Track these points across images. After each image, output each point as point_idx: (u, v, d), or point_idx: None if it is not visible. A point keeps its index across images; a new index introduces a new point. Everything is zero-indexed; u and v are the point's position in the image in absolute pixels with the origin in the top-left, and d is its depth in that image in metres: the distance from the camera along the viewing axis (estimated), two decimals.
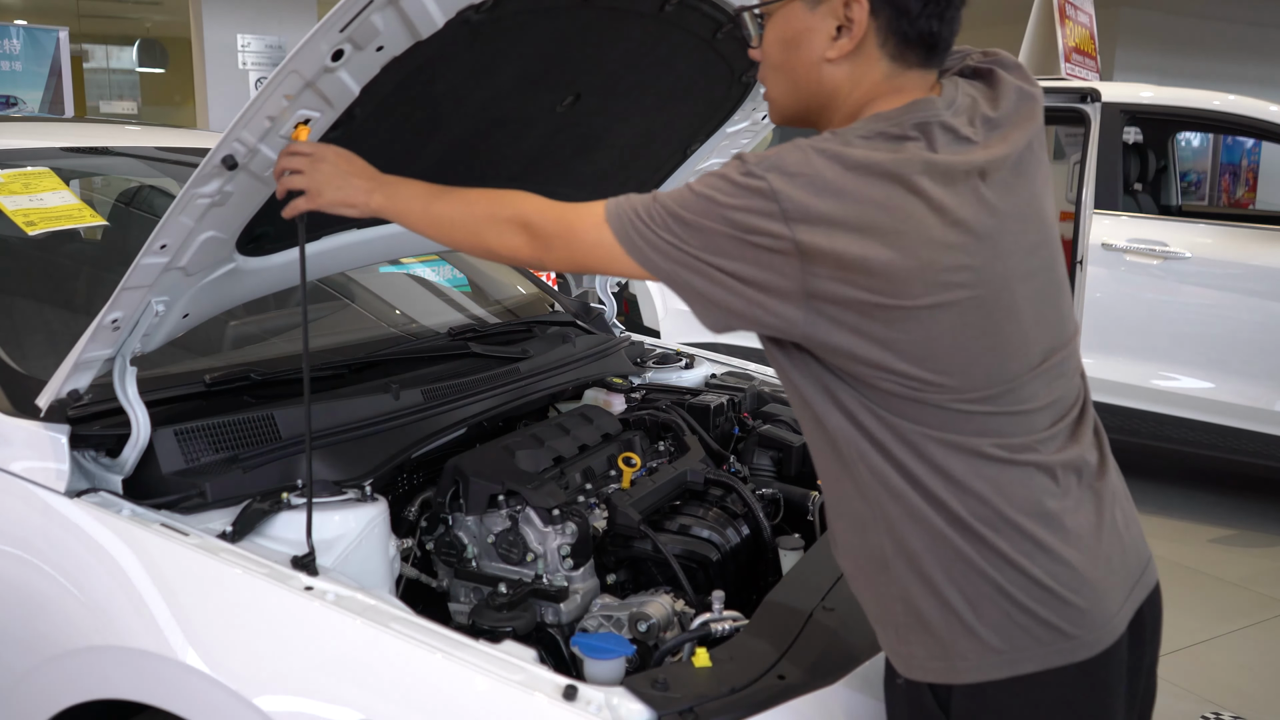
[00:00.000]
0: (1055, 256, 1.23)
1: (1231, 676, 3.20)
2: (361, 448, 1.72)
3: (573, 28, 1.62)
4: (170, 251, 1.43)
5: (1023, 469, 1.14)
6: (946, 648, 1.14)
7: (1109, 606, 1.16)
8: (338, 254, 1.83)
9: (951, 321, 1.10)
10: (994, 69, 1.25)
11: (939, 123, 1.14)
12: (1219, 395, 4.33)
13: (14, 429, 1.56)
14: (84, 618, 1.43)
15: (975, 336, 1.12)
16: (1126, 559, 1.21)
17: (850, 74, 1.20)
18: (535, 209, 1.26)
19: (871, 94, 1.20)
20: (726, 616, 1.42)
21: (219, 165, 1.34)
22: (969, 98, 1.20)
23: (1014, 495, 1.14)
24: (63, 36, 6.44)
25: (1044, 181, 1.23)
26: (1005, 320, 1.14)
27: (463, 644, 1.27)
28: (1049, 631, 1.13)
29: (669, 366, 2.53)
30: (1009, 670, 1.13)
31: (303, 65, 1.27)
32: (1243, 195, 11.47)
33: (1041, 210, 1.21)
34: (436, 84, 1.53)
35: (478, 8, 1.36)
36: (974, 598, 1.13)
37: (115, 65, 15.83)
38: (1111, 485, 1.25)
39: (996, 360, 1.14)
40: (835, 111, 1.22)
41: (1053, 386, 1.20)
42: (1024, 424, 1.16)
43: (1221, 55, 12.49)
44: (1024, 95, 1.22)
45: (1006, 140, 1.18)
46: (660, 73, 1.87)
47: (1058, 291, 1.23)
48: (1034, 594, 1.13)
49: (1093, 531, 1.18)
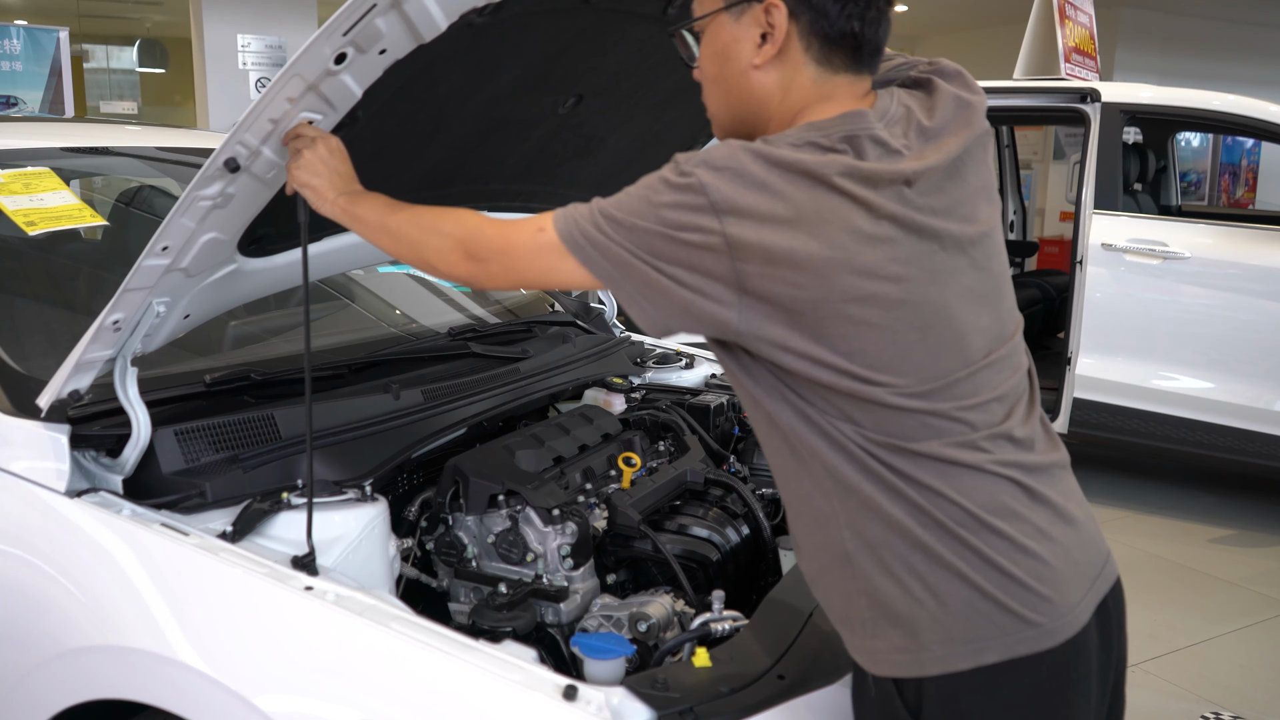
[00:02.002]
0: (991, 255, 1.24)
1: (1231, 676, 3.20)
2: (361, 448, 1.72)
3: (575, 30, 1.62)
4: (172, 253, 1.43)
5: (970, 467, 1.15)
6: (912, 638, 1.15)
7: (1071, 596, 1.17)
8: (338, 255, 1.83)
9: (879, 317, 1.12)
10: (932, 78, 1.27)
11: (869, 135, 1.16)
12: (1219, 395, 4.33)
13: (14, 429, 1.56)
14: (84, 618, 1.43)
15: (904, 331, 1.14)
16: (1086, 551, 1.22)
17: (779, 80, 1.23)
18: (474, 226, 1.29)
19: (802, 101, 1.23)
20: (726, 616, 1.42)
21: (221, 168, 1.34)
22: (904, 108, 1.22)
23: (967, 491, 1.15)
24: (63, 36, 6.45)
25: (981, 185, 1.25)
26: (936, 317, 1.16)
27: (463, 644, 1.27)
28: (1012, 619, 1.13)
29: (669, 366, 2.53)
30: (974, 660, 1.13)
31: (306, 68, 1.27)
32: (1242, 195, 11.47)
33: (974, 212, 1.23)
34: (439, 85, 1.53)
35: (480, 10, 1.36)
36: (936, 586, 1.14)
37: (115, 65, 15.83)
38: (1063, 479, 1.25)
39: (929, 356, 1.15)
40: (769, 120, 1.25)
41: (995, 383, 1.21)
42: (966, 421, 1.17)
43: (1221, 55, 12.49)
44: (961, 103, 1.25)
45: (941, 148, 1.20)
46: (662, 74, 1.87)
47: (995, 288, 1.24)
48: (997, 581, 1.13)
49: (1050, 522, 1.19)
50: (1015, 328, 1.28)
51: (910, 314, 1.14)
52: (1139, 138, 5.80)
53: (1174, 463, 4.77)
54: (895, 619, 1.16)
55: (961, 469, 1.15)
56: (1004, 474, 1.17)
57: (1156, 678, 3.16)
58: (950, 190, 1.20)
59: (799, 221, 1.10)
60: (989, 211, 1.26)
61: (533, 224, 1.22)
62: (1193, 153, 10.90)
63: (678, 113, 2.09)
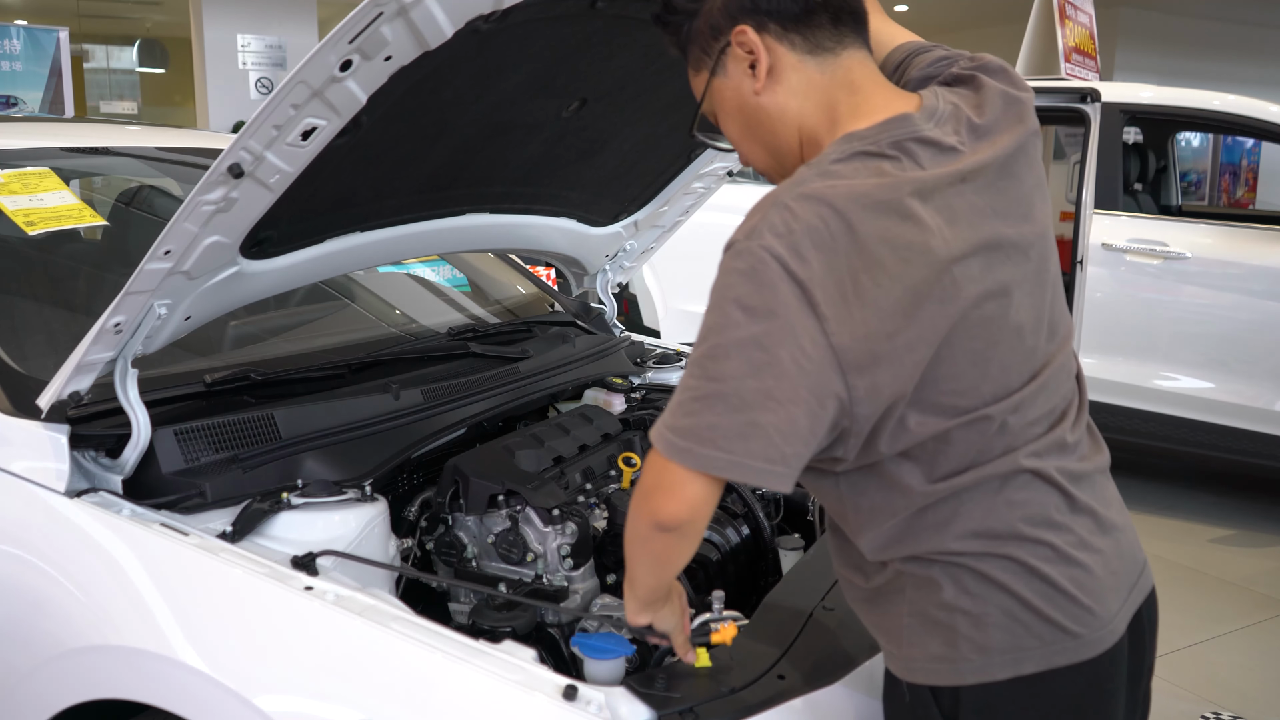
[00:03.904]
0: (1047, 256, 1.21)
1: (1231, 676, 3.20)
2: (361, 448, 1.72)
3: (580, 35, 1.62)
4: (174, 257, 1.43)
5: (1022, 477, 1.14)
6: (951, 648, 1.14)
7: (1110, 607, 1.16)
8: (339, 257, 1.83)
9: (963, 337, 1.10)
10: (977, 75, 1.24)
11: (917, 138, 1.13)
12: (1219, 395, 4.33)
13: (14, 429, 1.56)
14: (84, 618, 1.43)
15: (983, 350, 1.11)
16: (1124, 561, 1.21)
17: (790, 91, 1.18)
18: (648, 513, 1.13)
19: (829, 98, 1.17)
20: (726, 616, 1.42)
21: (225, 173, 1.34)
22: (951, 105, 1.19)
23: (1016, 504, 1.13)
24: (63, 36, 6.45)
25: (1035, 184, 1.21)
26: (1008, 329, 1.14)
27: (462, 644, 1.27)
28: (1053, 630, 1.12)
29: (669, 366, 2.53)
30: (1013, 670, 1.12)
31: (311, 75, 1.27)
32: (1243, 195, 11.47)
33: (1030, 210, 1.19)
34: (443, 91, 1.53)
35: (487, 17, 1.36)
36: (978, 596, 1.13)
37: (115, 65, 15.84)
38: (1104, 484, 1.25)
39: (1001, 371, 1.13)
40: (810, 135, 1.20)
41: (1053, 389, 1.19)
42: (1026, 433, 1.15)
43: (1221, 55, 12.49)
44: (1010, 100, 1.21)
45: (994, 145, 1.17)
46: (667, 78, 1.87)
47: (1051, 294, 1.21)
48: (1040, 591, 1.12)
49: (1091, 531, 1.18)
50: (1069, 330, 1.25)
51: (987, 331, 1.12)
52: (1139, 138, 5.79)
53: (1174, 463, 4.76)
54: (934, 629, 1.15)
55: (1013, 482, 1.13)
56: (1053, 481, 1.16)
57: (1157, 678, 3.15)
58: (1006, 189, 1.17)
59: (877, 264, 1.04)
60: (1044, 210, 1.22)
61: (657, 465, 1.09)
62: (1193, 153, 10.90)
63: (682, 116, 2.09)
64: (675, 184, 2.37)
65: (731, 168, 2.37)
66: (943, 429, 1.11)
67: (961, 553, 1.13)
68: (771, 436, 1.03)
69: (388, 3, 1.22)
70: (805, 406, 1.04)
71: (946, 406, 1.11)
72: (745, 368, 1.03)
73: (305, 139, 1.36)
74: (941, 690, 1.15)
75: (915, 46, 1.36)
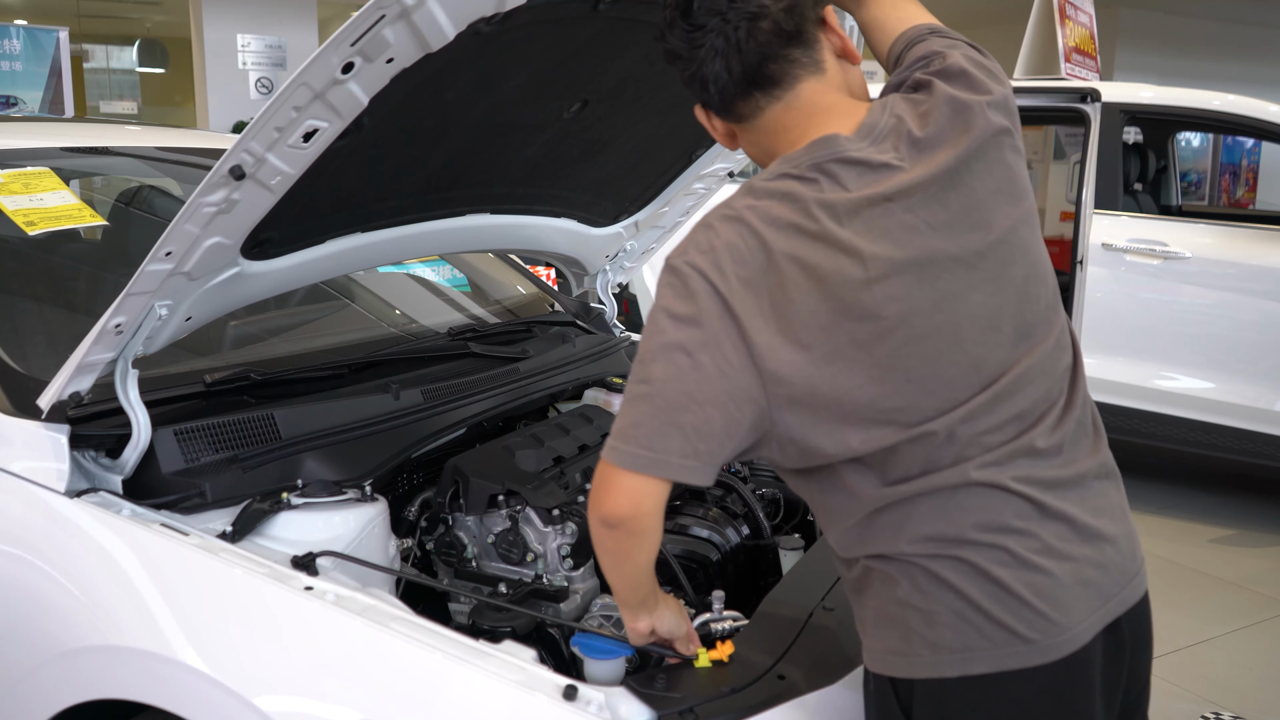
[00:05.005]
0: (1010, 260, 1.18)
1: (1231, 676, 3.20)
2: (361, 448, 1.72)
3: (582, 37, 1.62)
4: (175, 258, 1.43)
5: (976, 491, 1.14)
6: (904, 642, 1.16)
7: (1074, 615, 1.14)
8: (340, 258, 1.83)
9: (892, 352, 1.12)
10: (933, 81, 1.22)
11: (839, 159, 1.16)
12: (1219, 395, 4.33)
13: (14, 429, 1.56)
14: (84, 618, 1.43)
15: (921, 363, 1.12)
16: (1105, 571, 1.18)
17: (749, 147, 1.31)
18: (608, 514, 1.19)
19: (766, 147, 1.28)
20: (726, 616, 1.42)
21: (226, 175, 1.34)
22: (895, 119, 1.19)
23: (970, 511, 1.14)
24: (63, 36, 6.45)
25: (995, 188, 1.18)
26: (953, 341, 1.14)
27: (462, 644, 1.27)
28: (1004, 633, 1.12)
29: None
30: (961, 669, 1.13)
31: (313, 78, 1.27)
32: (1243, 195, 11.47)
33: (986, 218, 1.17)
34: (445, 92, 1.53)
35: (489, 20, 1.36)
36: (931, 597, 1.14)
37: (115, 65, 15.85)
38: (1097, 490, 1.21)
39: (944, 386, 1.14)
40: None
41: (1018, 396, 1.17)
42: (980, 443, 1.15)
43: (1221, 55, 12.49)
44: (958, 107, 1.19)
45: (935, 160, 1.16)
46: (667, 79, 1.87)
47: (1018, 294, 1.18)
48: (991, 593, 1.13)
49: (1063, 538, 1.16)
50: (1049, 330, 1.21)
51: (922, 346, 1.12)
52: (1139, 138, 5.79)
53: (1174, 463, 4.76)
54: (890, 622, 1.17)
55: (964, 492, 1.14)
56: (1015, 490, 1.14)
57: (1156, 678, 3.14)
58: (949, 201, 1.15)
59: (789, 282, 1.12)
60: (1007, 212, 1.19)
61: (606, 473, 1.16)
62: (1193, 153, 10.89)
63: (683, 117, 2.09)
64: (676, 185, 2.37)
65: (732, 169, 2.37)
66: (889, 443, 1.14)
67: (914, 554, 1.15)
68: (689, 435, 1.11)
69: (390, 5, 1.22)
70: (723, 409, 1.11)
71: (887, 422, 1.13)
72: (670, 370, 1.12)
73: (307, 141, 1.36)
74: (898, 682, 1.18)
75: (914, 34, 1.33)
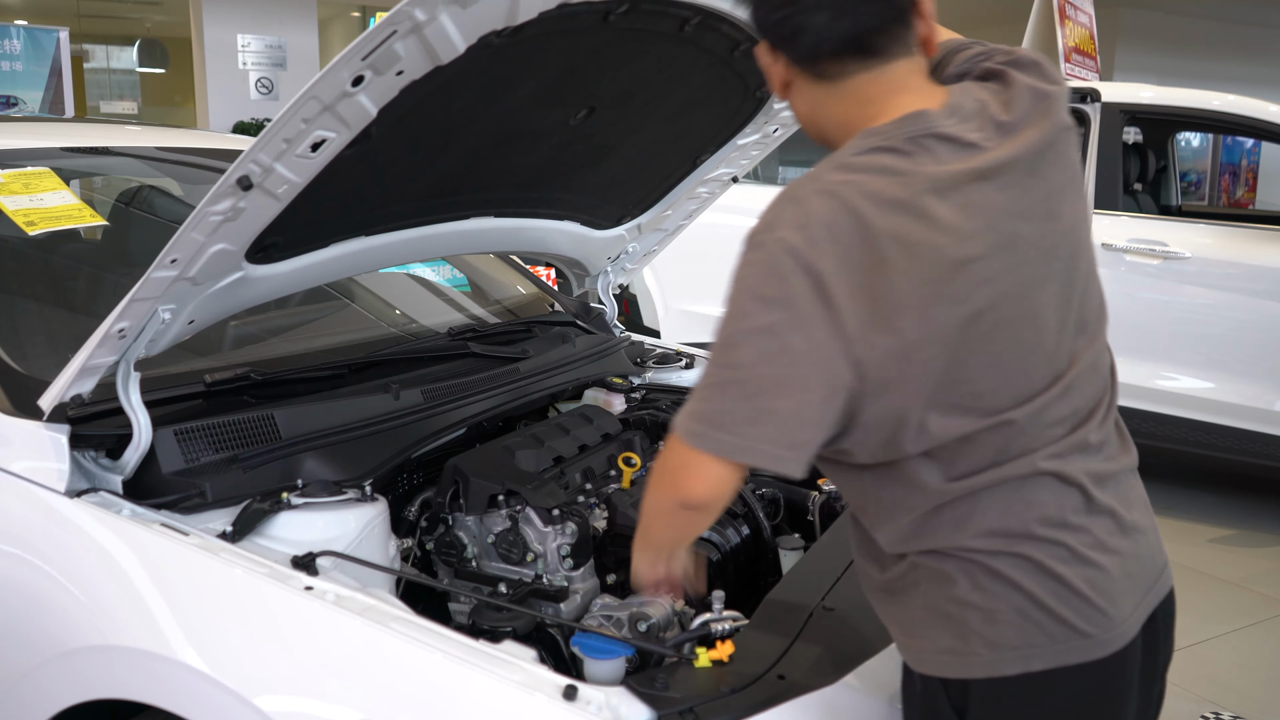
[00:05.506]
0: (1077, 254, 1.20)
1: (1231, 676, 3.20)
2: (361, 448, 1.72)
3: (592, 47, 1.63)
4: (180, 265, 1.44)
5: (1041, 479, 1.14)
6: (961, 641, 1.14)
7: (1124, 608, 1.16)
8: (344, 261, 1.83)
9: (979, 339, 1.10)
10: (1008, 70, 1.22)
11: (933, 134, 1.13)
12: (1219, 395, 4.33)
13: (14, 429, 1.56)
14: (84, 618, 1.43)
15: (1002, 351, 1.11)
16: (1142, 563, 1.21)
17: (803, 102, 1.24)
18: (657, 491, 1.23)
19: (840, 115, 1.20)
20: (726, 616, 1.42)
21: (234, 185, 1.34)
22: (978, 103, 1.18)
23: (1034, 505, 1.14)
24: (63, 36, 6.45)
25: (1067, 181, 1.20)
26: (1031, 329, 1.14)
27: (463, 644, 1.27)
28: (1064, 629, 1.13)
29: (669, 366, 2.53)
30: (1022, 666, 1.13)
31: (323, 91, 1.28)
32: (1242, 195, 11.48)
33: (1058, 208, 1.18)
34: (453, 101, 1.53)
35: (499, 32, 1.36)
36: (994, 595, 1.14)
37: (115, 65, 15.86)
38: (1129, 484, 1.24)
39: (1023, 375, 1.13)
40: (828, 135, 1.24)
41: (1080, 389, 1.18)
42: (1048, 435, 1.15)
43: (1221, 55, 12.49)
44: (1038, 95, 1.20)
45: (1019, 142, 1.16)
46: (675, 87, 1.87)
47: (1083, 288, 1.21)
48: (1052, 590, 1.13)
49: (1110, 532, 1.18)
50: (1100, 327, 1.24)
51: (1006, 332, 1.12)
52: (1139, 138, 5.79)
53: (1174, 463, 4.76)
54: (945, 621, 1.15)
55: (1031, 484, 1.14)
56: (1073, 481, 1.16)
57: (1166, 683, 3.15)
58: (1031, 188, 1.16)
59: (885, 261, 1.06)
60: (1074, 205, 1.21)
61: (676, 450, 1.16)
62: (1193, 153, 10.90)
63: (689, 123, 2.09)
64: (680, 189, 2.37)
65: (736, 174, 2.37)
66: (966, 431, 1.12)
67: (976, 549, 1.14)
68: (782, 423, 1.07)
69: (402, 20, 1.22)
70: (816, 394, 1.07)
71: (968, 409, 1.12)
72: (758, 356, 1.07)
73: (314, 150, 1.37)
74: (951, 683, 1.16)
75: (954, 44, 1.34)
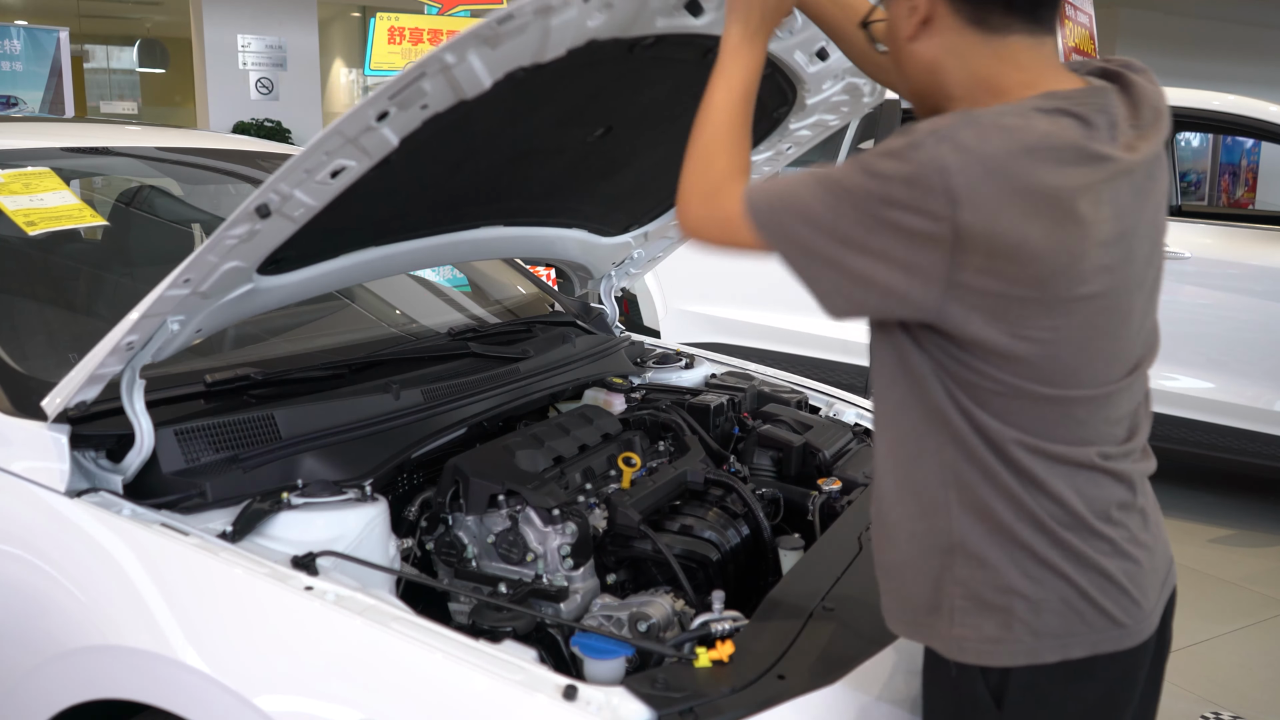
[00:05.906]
0: (1160, 272, 1.24)
1: (1231, 676, 3.20)
2: (361, 448, 1.72)
3: (613, 74, 1.64)
4: (193, 284, 1.44)
5: (1101, 474, 1.17)
6: (1005, 630, 1.16)
7: (1151, 600, 1.21)
8: (353, 270, 1.84)
9: (1082, 319, 1.11)
10: (1124, 73, 1.22)
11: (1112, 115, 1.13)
12: (1219, 395, 4.33)
13: (14, 429, 1.56)
14: (84, 618, 1.43)
15: (1095, 338, 1.13)
16: (1160, 557, 1.26)
17: (942, 47, 1.17)
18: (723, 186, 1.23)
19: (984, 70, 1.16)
20: (726, 616, 1.42)
21: (253, 213, 1.35)
22: (1105, 99, 1.17)
23: (1087, 498, 1.16)
24: (63, 37, 6.45)
25: (1164, 197, 1.22)
26: (1122, 325, 1.16)
27: (463, 644, 1.27)
28: (1104, 619, 1.16)
29: (669, 366, 2.53)
30: (1061, 654, 1.15)
31: (348, 127, 1.29)
32: (1242, 195, 11.47)
33: (1157, 220, 1.21)
34: (473, 126, 1.54)
35: (525, 67, 1.37)
36: (1039, 581, 1.15)
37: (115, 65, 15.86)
38: (1148, 485, 1.28)
39: (1105, 364, 1.15)
40: (949, 96, 1.19)
41: (1138, 390, 1.22)
42: (1108, 431, 1.18)
43: (1221, 55, 12.50)
44: (1157, 103, 1.20)
45: (1147, 143, 1.16)
46: (694, 107, 1.87)
47: (1152, 300, 1.24)
48: (1097, 583, 1.16)
49: (1141, 527, 1.22)
50: (1157, 344, 1.27)
51: (1106, 319, 1.13)
52: None
53: (1174, 463, 4.76)
54: (987, 610, 1.16)
55: (1091, 474, 1.16)
56: (1124, 478, 1.19)
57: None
58: (1149, 192, 1.17)
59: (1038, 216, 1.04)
60: (1164, 218, 1.24)
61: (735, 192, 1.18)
62: (1193, 153, 10.89)
63: None
64: None
65: None
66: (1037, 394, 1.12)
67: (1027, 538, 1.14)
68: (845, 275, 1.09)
69: (432, 64, 1.24)
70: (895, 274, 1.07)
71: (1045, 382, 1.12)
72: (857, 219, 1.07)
73: (333, 177, 1.38)
74: (990, 670, 1.18)
75: None
